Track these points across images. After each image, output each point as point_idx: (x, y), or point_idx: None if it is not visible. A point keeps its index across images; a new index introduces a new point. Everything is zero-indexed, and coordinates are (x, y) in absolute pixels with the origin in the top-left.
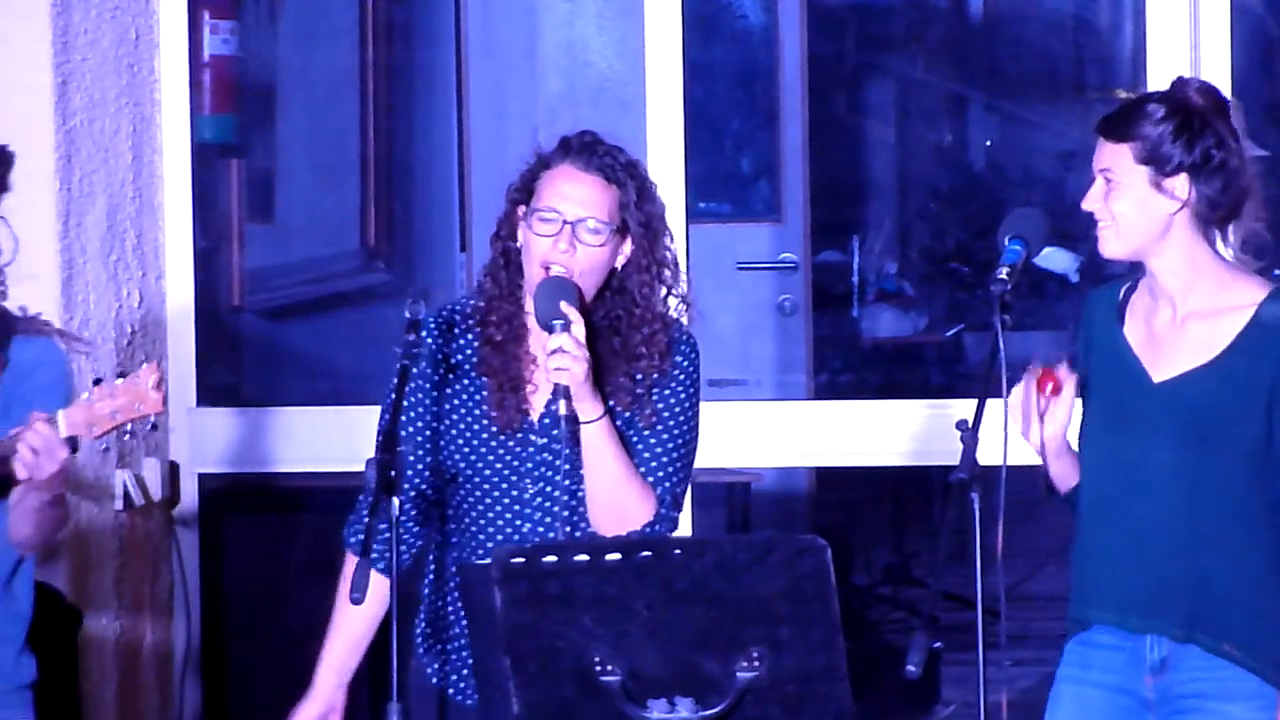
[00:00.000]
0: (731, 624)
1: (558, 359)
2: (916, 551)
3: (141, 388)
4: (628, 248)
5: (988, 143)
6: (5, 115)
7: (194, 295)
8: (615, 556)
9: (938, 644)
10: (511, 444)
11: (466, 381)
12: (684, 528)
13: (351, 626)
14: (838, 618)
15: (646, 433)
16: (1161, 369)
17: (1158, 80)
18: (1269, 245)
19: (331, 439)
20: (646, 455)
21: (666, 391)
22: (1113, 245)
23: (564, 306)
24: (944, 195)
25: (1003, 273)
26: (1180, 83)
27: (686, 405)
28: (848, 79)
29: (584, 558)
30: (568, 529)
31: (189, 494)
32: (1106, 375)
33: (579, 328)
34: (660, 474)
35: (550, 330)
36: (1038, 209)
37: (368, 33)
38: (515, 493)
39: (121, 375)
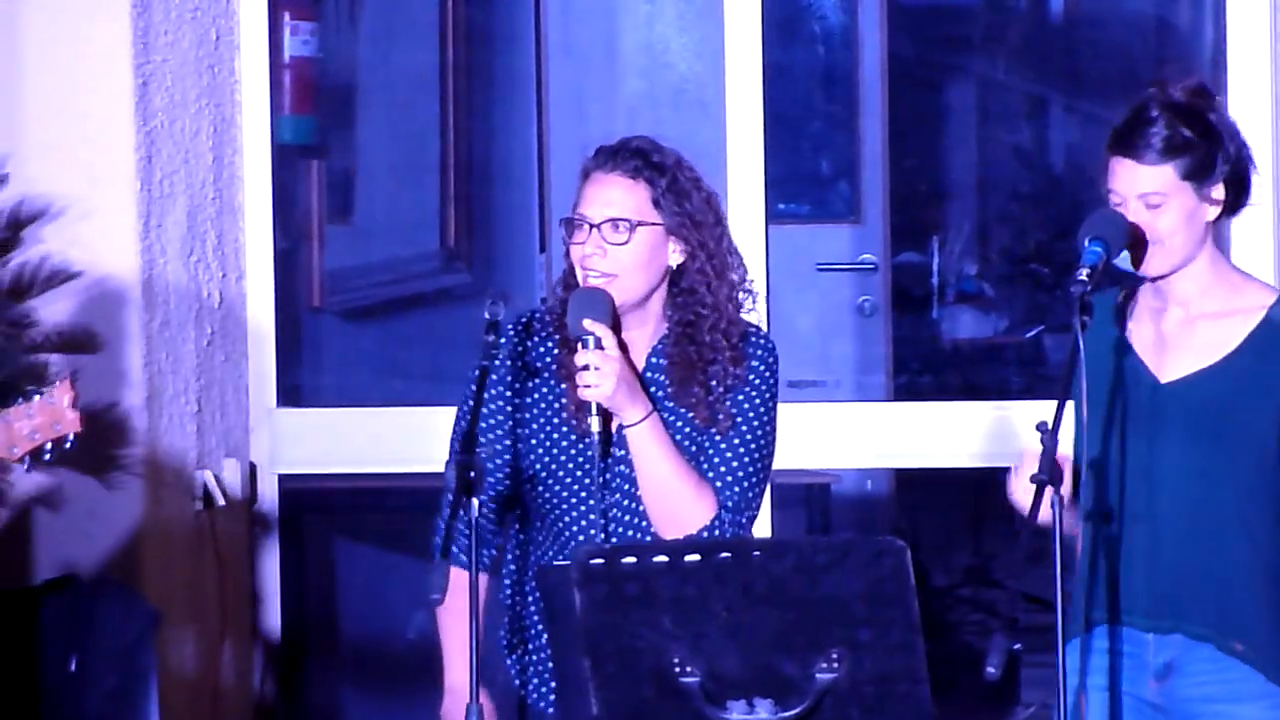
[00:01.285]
0: (810, 625)
1: (584, 376)
2: (996, 553)
3: (58, 407)
4: (679, 245)
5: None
6: (86, 116)
7: (274, 296)
8: (695, 558)
9: (1017, 645)
10: (589, 451)
11: (546, 389)
12: (763, 529)
13: (456, 625)
14: (917, 619)
15: (718, 437)
16: (1169, 370)
17: (1239, 81)
18: None
19: (411, 440)
20: (716, 459)
21: (740, 397)
22: (1160, 263)
23: (587, 323)
24: (1024, 196)
25: (1083, 274)
26: (1170, 90)
27: (760, 410)
28: (927, 80)
29: (663, 559)
30: (631, 534)
31: (269, 494)
32: (1110, 380)
33: (608, 340)
34: (729, 478)
35: (582, 344)
36: (1118, 210)
37: (448, 34)
38: (592, 501)
39: (39, 393)
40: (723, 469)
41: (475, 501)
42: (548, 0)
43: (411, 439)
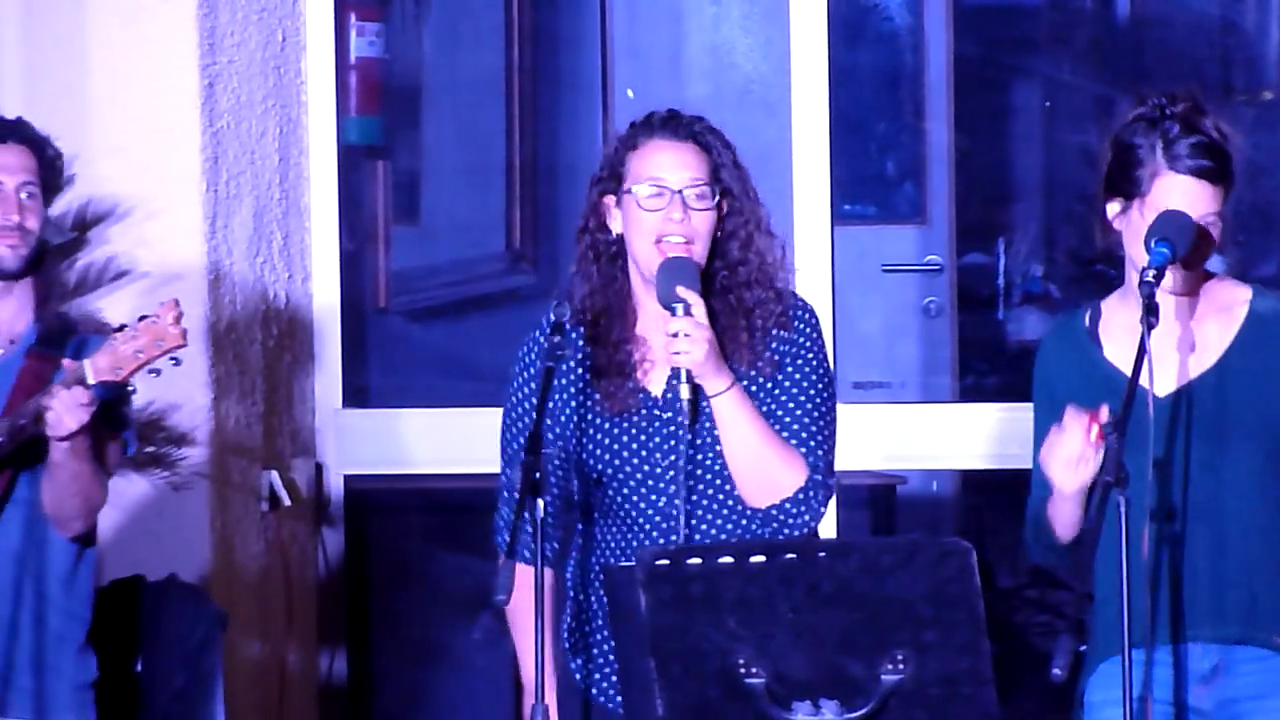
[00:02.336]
0: (876, 626)
1: (676, 343)
2: None
3: (162, 326)
4: (729, 210)
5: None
6: (153, 118)
7: (340, 297)
8: (760, 559)
9: (1083, 647)
10: (641, 422)
11: (614, 386)
12: (829, 530)
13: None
14: (983, 620)
15: (790, 404)
16: (1162, 382)
17: None
18: None
19: (476, 441)
20: (793, 424)
21: (800, 362)
22: (1198, 279)
23: (681, 291)
24: (1090, 197)
25: (1150, 275)
26: (1189, 102)
27: (821, 372)
28: (993, 81)
29: (728, 560)
30: (688, 505)
31: (335, 495)
32: (1097, 403)
33: (699, 309)
34: (811, 443)
35: (671, 312)
36: (1184, 211)
37: (513, 35)
38: (647, 468)
39: (143, 317)
40: (802, 434)
41: (541, 502)
42: (613, 2)
43: (477, 440)
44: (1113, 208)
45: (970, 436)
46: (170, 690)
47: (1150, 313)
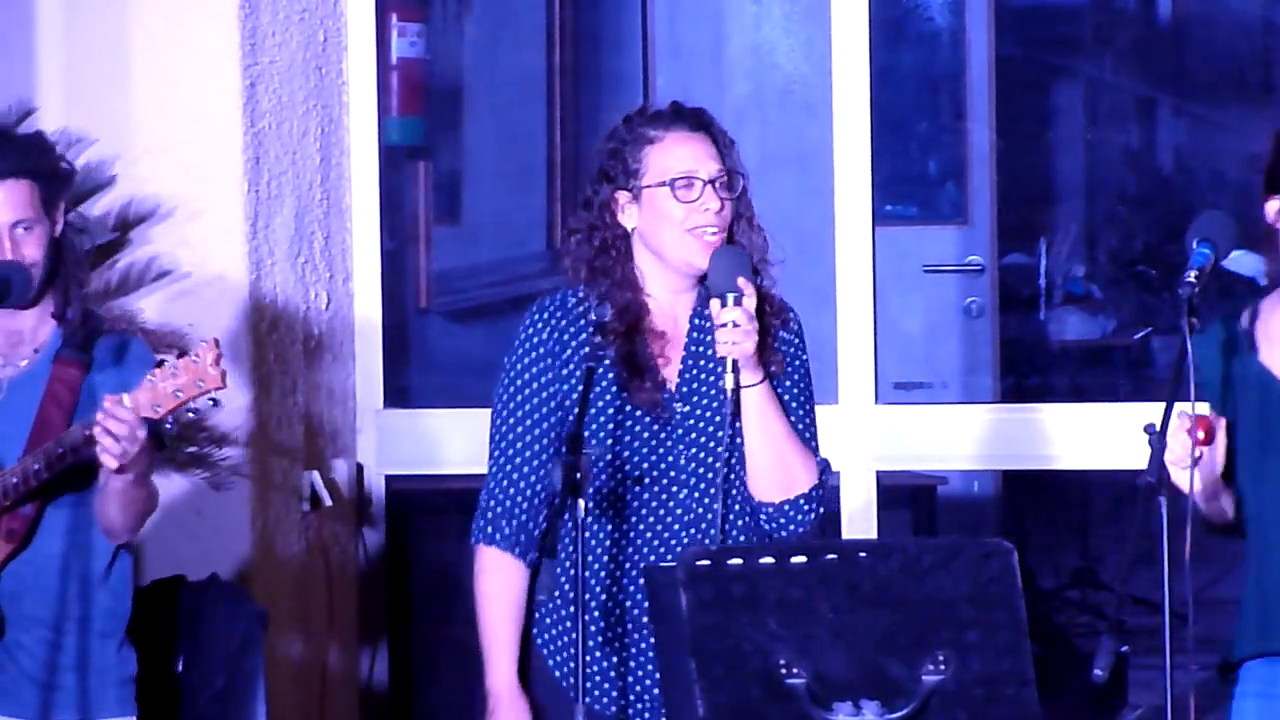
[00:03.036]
0: (917, 627)
1: (728, 332)
2: (1103, 555)
3: (202, 366)
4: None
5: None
6: (194, 118)
7: (381, 297)
8: (800, 559)
9: (1125, 648)
10: (664, 414)
11: (650, 383)
12: (869, 530)
13: (510, 622)
14: (1024, 621)
15: (793, 403)
16: None
17: None
18: None
19: None
20: (798, 425)
21: (799, 363)
22: None
23: (741, 282)
24: (1132, 198)
25: (1191, 276)
26: None
27: (809, 381)
28: (1035, 81)
29: (769, 560)
30: (723, 496)
31: (375, 495)
32: (1253, 406)
33: (750, 300)
34: (814, 443)
35: (722, 302)
36: (1226, 212)
37: (555, 35)
38: (671, 458)
39: (182, 354)
40: (806, 434)
41: (581, 502)
42: (655, 2)
43: None
44: (1273, 205)
45: (1011, 437)
46: (211, 690)
47: (1193, 314)
